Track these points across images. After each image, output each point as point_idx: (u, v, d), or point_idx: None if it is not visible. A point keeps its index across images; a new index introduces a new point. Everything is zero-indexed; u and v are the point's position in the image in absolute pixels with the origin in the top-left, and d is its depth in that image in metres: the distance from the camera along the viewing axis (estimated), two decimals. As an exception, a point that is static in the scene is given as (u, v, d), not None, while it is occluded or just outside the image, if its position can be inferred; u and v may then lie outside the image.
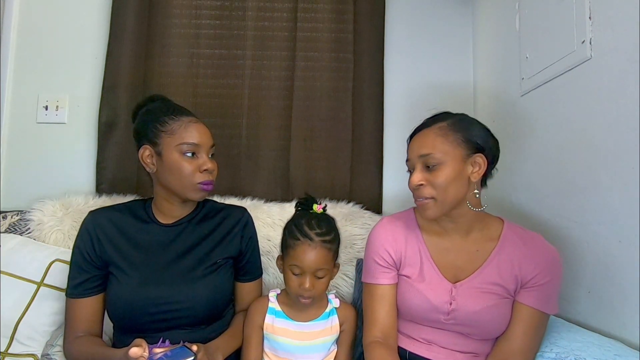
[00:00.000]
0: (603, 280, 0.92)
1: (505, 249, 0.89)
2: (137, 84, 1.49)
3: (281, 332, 0.94)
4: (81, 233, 0.96)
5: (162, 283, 0.91)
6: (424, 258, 0.93)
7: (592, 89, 0.95)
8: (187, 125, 0.93)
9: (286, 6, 1.57)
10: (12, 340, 1.04)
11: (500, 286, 0.87)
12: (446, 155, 0.85)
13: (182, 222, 1.00)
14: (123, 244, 0.95)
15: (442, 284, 0.89)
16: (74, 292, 0.93)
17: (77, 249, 0.94)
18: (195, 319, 0.93)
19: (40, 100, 1.51)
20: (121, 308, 0.91)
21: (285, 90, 1.55)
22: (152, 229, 0.98)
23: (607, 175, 0.90)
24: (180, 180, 0.92)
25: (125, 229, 0.96)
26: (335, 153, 1.53)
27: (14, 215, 1.29)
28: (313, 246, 0.89)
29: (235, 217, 1.05)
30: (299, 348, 0.93)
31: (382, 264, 0.95)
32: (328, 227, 0.94)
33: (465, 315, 0.86)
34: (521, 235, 0.91)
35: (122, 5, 1.49)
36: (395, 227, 0.97)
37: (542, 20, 1.15)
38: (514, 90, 1.30)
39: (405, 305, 0.92)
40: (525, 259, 0.87)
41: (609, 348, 0.79)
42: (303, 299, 0.91)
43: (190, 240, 0.98)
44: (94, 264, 0.93)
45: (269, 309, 0.97)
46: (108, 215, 0.98)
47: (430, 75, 1.62)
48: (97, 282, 0.94)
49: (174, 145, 0.91)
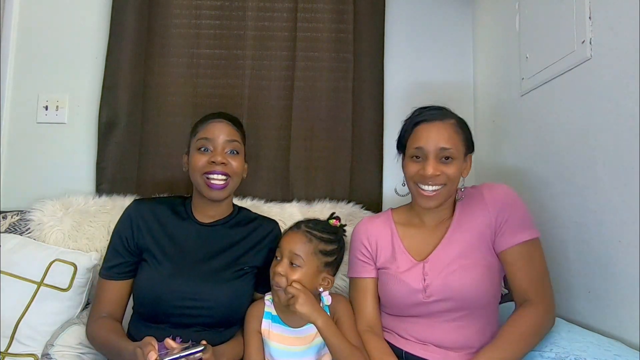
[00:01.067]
0: (603, 280, 0.92)
1: (460, 214, 0.97)
2: (137, 84, 1.49)
3: (277, 338, 0.94)
4: (123, 218, 1.02)
5: (191, 279, 0.94)
6: (396, 246, 0.99)
7: (592, 89, 0.95)
8: (207, 124, 1.00)
9: (286, 6, 1.56)
10: (12, 340, 1.05)
11: (468, 249, 0.92)
12: (458, 152, 0.93)
13: (217, 223, 1.04)
14: (161, 235, 0.99)
15: (414, 265, 0.95)
16: (107, 274, 0.98)
17: (116, 233, 1.00)
18: (213, 320, 0.95)
19: (40, 100, 1.51)
20: (148, 295, 0.94)
21: (285, 90, 1.55)
22: (189, 225, 1.02)
23: (607, 175, 0.90)
24: (194, 174, 0.98)
25: (164, 222, 1.01)
26: (335, 153, 1.53)
27: (14, 215, 1.29)
28: (296, 232, 0.95)
29: (267, 228, 1.08)
30: (294, 354, 0.93)
31: (362, 258, 1.02)
32: (327, 231, 0.97)
33: (439, 287, 0.90)
34: (469, 193, 0.99)
35: (122, 5, 1.49)
36: (371, 223, 1.05)
37: (542, 20, 1.15)
38: (514, 90, 1.29)
39: (389, 296, 0.96)
40: (480, 210, 0.94)
41: (609, 348, 0.79)
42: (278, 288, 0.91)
43: (222, 243, 1.01)
44: (129, 249, 0.98)
45: (265, 313, 0.97)
46: (151, 206, 1.04)
47: (430, 75, 1.61)
48: (128, 268, 0.98)
49: (194, 144, 1.00)
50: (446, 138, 0.92)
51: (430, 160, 0.91)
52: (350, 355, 0.87)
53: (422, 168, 0.92)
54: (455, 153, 0.91)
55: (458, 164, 0.92)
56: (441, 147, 0.91)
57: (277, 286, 0.91)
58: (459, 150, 0.93)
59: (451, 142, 0.91)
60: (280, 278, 0.90)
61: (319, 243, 0.94)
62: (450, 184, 0.92)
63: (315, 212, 1.36)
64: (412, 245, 0.99)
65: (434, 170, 0.90)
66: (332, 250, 0.96)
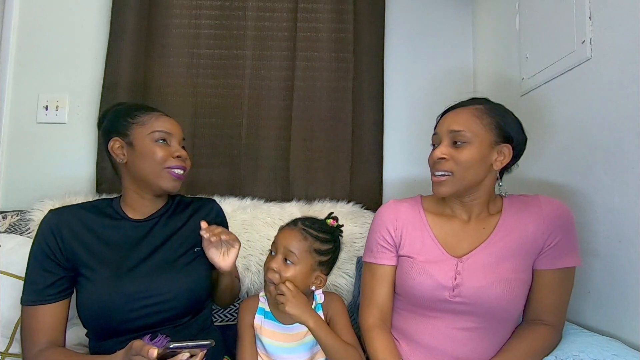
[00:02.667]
0: (603, 280, 0.92)
1: (509, 218, 0.89)
2: (137, 84, 1.49)
3: (268, 334, 0.94)
4: (43, 232, 0.88)
5: (139, 277, 0.87)
6: (426, 237, 0.92)
7: (592, 89, 0.95)
8: (158, 117, 0.95)
9: (286, 6, 1.57)
10: (12, 340, 1.05)
11: (510, 257, 0.86)
12: (476, 137, 0.85)
13: (153, 217, 0.97)
14: (92, 241, 0.89)
15: (446, 260, 0.88)
16: (36, 299, 0.84)
17: (38, 250, 0.86)
18: (177, 312, 0.89)
19: (40, 100, 1.51)
20: (96, 308, 0.84)
21: (285, 90, 1.55)
22: (123, 225, 0.94)
23: (607, 175, 0.90)
24: (152, 166, 0.91)
25: (93, 227, 0.91)
26: (335, 153, 1.53)
27: (14, 215, 1.29)
28: (292, 229, 0.95)
29: (207, 207, 1.06)
30: (285, 350, 0.93)
31: (383, 244, 0.96)
32: (323, 231, 0.97)
33: (471, 291, 0.84)
34: (522, 200, 0.91)
35: (122, 5, 1.49)
36: (399, 208, 0.98)
37: (542, 20, 1.15)
38: (514, 90, 1.29)
39: (409, 285, 0.90)
40: (531, 223, 0.86)
41: (606, 347, 0.79)
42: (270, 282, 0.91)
43: (164, 234, 0.95)
44: (60, 263, 0.86)
45: (259, 309, 0.97)
46: (73, 212, 0.92)
47: (430, 75, 1.62)
48: (64, 285, 0.87)
49: (146, 134, 0.92)
50: (460, 121, 0.86)
51: (440, 144, 0.88)
52: (344, 354, 0.87)
53: (434, 152, 0.89)
54: (469, 137, 0.84)
55: (474, 150, 0.84)
56: (450, 130, 0.86)
57: (269, 281, 0.91)
58: (476, 135, 0.85)
59: (465, 125, 0.85)
60: (273, 274, 0.90)
61: (314, 242, 0.94)
62: (462, 171, 0.85)
63: (315, 211, 1.36)
64: (443, 237, 0.92)
65: (440, 153, 0.86)
66: (326, 249, 0.96)
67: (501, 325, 0.87)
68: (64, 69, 1.53)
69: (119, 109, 0.99)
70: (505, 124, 0.87)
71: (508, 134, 0.87)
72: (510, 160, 0.88)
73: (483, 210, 0.92)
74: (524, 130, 0.91)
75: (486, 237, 0.89)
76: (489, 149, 0.86)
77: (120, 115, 0.95)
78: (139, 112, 0.95)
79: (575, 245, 0.86)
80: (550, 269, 0.85)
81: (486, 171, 0.87)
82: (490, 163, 0.86)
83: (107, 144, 0.94)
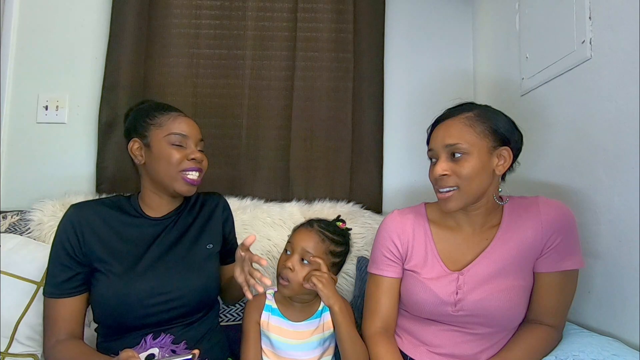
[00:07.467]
0: (603, 280, 0.92)
1: (508, 226, 0.89)
2: (137, 84, 1.49)
3: (275, 330, 0.95)
4: (64, 227, 0.90)
5: (154, 275, 0.89)
6: (429, 252, 0.92)
7: (592, 89, 0.95)
8: (176, 118, 0.96)
9: (286, 6, 1.56)
10: (12, 340, 1.04)
11: (510, 266, 0.86)
12: (473, 146, 0.84)
13: (170, 215, 1.00)
14: (111, 238, 0.91)
15: (447, 275, 0.88)
16: (55, 292, 0.87)
17: (59, 245, 0.89)
18: (188, 309, 0.91)
19: (40, 100, 1.51)
20: (111, 304, 0.86)
21: (285, 90, 1.55)
22: (141, 222, 0.96)
23: (607, 175, 0.90)
24: (167, 168, 0.92)
25: (112, 223, 0.93)
26: (335, 153, 1.53)
27: (14, 215, 1.29)
28: (310, 230, 0.96)
29: (212, 202, 1.07)
30: (293, 346, 0.94)
31: (389, 256, 0.96)
32: (337, 233, 0.98)
33: (472, 304, 0.85)
34: (522, 204, 0.90)
35: (122, 5, 1.49)
36: (404, 220, 0.97)
37: (542, 20, 1.15)
38: (514, 90, 1.29)
39: (413, 300, 0.91)
40: (530, 228, 0.86)
41: (606, 347, 0.79)
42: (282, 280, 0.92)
43: (178, 232, 0.98)
44: (78, 259, 0.89)
45: (266, 306, 0.98)
46: (94, 208, 0.94)
47: (430, 75, 1.62)
48: (80, 281, 0.89)
49: (163, 136, 0.93)
50: (452, 133, 0.85)
51: (439, 160, 0.87)
52: (359, 347, 0.90)
53: (434, 169, 0.88)
54: (466, 148, 0.83)
55: (474, 161, 0.83)
56: (446, 144, 0.85)
57: (284, 280, 0.92)
58: (473, 145, 0.83)
59: (459, 137, 0.84)
60: (289, 272, 0.91)
61: (331, 244, 0.96)
62: (467, 184, 0.84)
63: (315, 211, 1.37)
64: (446, 252, 0.91)
65: (441, 170, 0.85)
66: (340, 252, 0.98)
67: (508, 331, 0.88)
68: (64, 69, 1.53)
69: (140, 109, 1.00)
70: (499, 127, 0.86)
71: (504, 137, 0.86)
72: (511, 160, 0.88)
73: (486, 221, 0.91)
74: (517, 127, 0.90)
75: (485, 246, 0.89)
76: (488, 155, 0.85)
77: (140, 116, 0.97)
78: (157, 113, 0.96)
79: (577, 247, 0.86)
80: (551, 271, 0.85)
81: (490, 178, 0.86)
82: (492, 169, 0.86)
83: (127, 144, 0.96)
